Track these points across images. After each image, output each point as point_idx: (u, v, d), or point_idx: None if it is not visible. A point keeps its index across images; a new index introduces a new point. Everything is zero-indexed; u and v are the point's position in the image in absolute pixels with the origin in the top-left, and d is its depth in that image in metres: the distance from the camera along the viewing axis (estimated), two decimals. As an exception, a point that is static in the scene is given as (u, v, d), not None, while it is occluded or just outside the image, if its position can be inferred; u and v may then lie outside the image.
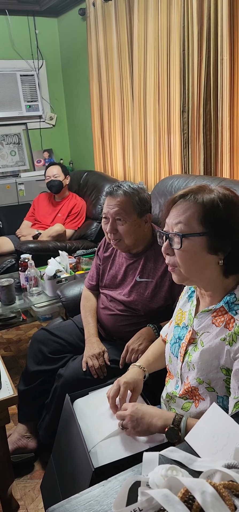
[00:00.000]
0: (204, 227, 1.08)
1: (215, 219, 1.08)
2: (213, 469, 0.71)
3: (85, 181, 3.82)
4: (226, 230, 1.08)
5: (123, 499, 0.69)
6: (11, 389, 1.51)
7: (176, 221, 1.11)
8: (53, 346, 1.91)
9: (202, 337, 1.14)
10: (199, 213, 1.09)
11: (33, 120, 4.62)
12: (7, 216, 3.96)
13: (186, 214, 1.10)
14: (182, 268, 1.12)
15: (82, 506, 0.71)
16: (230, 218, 1.08)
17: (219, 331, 1.09)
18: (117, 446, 1.19)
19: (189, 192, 1.13)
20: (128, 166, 3.61)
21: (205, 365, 1.11)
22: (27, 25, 4.35)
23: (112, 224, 1.77)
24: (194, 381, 1.14)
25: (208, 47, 2.39)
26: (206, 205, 1.09)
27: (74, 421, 1.31)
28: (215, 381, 1.09)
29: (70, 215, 3.57)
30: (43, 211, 3.68)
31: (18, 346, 3.00)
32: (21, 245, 3.13)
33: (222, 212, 1.08)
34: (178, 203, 1.14)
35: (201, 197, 1.10)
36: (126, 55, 3.31)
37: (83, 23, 3.96)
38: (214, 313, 1.13)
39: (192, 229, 1.09)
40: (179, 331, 1.26)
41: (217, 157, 2.51)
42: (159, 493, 0.64)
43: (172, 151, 2.95)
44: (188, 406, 1.18)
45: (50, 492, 1.44)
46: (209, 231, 1.08)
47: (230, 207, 1.09)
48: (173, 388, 1.27)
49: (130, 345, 1.72)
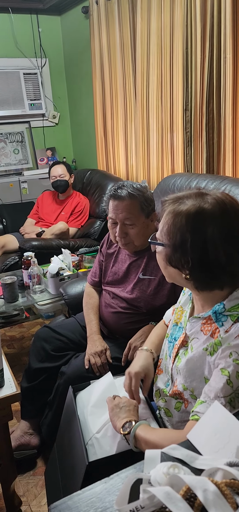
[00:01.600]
0: (167, 238, 1.08)
1: (172, 233, 1.06)
2: (215, 467, 0.71)
3: (88, 179, 3.83)
4: (177, 246, 1.05)
5: (125, 496, 0.69)
6: (14, 386, 1.52)
7: (160, 225, 1.14)
8: (55, 343, 1.91)
9: (193, 342, 1.14)
10: (167, 223, 1.08)
11: (36, 119, 4.63)
12: (10, 214, 3.97)
13: (163, 222, 1.11)
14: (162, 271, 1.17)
15: (84, 503, 0.71)
16: (184, 234, 1.03)
17: (205, 340, 1.08)
18: (113, 439, 1.19)
19: (174, 199, 1.11)
20: (130, 164, 3.61)
21: (189, 373, 1.11)
22: (30, 23, 4.35)
23: (121, 228, 1.76)
24: (180, 385, 1.15)
25: (211, 45, 2.38)
26: (173, 216, 1.07)
27: (75, 413, 1.32)
28: (197, 390, 1.09)
29: (73, 213, 3.58)
30: (47, 209, 3.69)
31: (21, 344, 3.01)
32: (25, 242, 3.14)
33: (179, 227, 1.04)
34: (164, 206, 1.14)
35: (177, 206, 1.07)
36: (129, 53, 3.31)
37: (86, 21, 3.95)
38: (204, 320, 1.12)
39: (162, 237, 1.11)
40: (176, 331, 1.26)
41: (220, 155, 2.51)
42: (160, 490, 0.65)
43: (175, 149, 2.95)
44: (179, 406, 1.19)
45: (52, 482, 1.47)
46: (167, 244, 1.08)
47: (190, 222, 1.03)
48: (163, 385, 1.27)
49: (132, 343, 1.73)
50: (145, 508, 0.65)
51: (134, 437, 1.09)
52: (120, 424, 1.14)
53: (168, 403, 1.23)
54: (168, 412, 1.23)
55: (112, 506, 0.69)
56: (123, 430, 1.12)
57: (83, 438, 1.22)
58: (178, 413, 1.19)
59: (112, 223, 1.80)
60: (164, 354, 1.31)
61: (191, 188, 2.17)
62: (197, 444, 0.83)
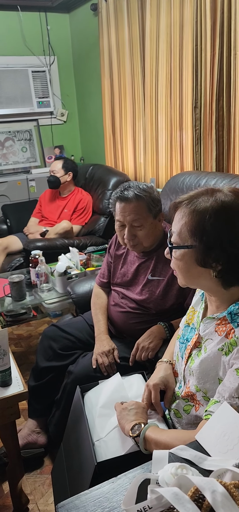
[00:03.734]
0: (193, 239, 1.04)
1: (202, 232, 1.02)
2: (224, 468, 0.71)
3: (91, 175, 3.80)
4: (213, 245, 1.01)
5: (132, 496, 0.69)
6: (21, 385, 1.52)
7: (173, 229, 1.11)
8: (63, 342, 1.91)
9: (206, 343, 1.12)
10: (190, 224, 1.05)
11: (44, 117, 4.64)
12: (14, 213, 3.95)
13: (180, 224, 1.07)
14: (178, 275, 1.13)
15: (91, 502, 0.71)
16: (221, 231, 1.01)
17: (220, 341, 1.07)
18: (121, 441, 1.19)
19: (189, 198, 1.08)
20: (139, 162, 3.60)
21: (203, 374, 1.09)
22: (39, 21, 4.36)
23: (130, 230, 1.75)
24: (193, 387, 1.13)
25: (221, 42, 2.36)
26: (197, 215, 1.04)
27: (83, 413, 1.32)
28: (211, 391, 1.08)
29: (76, 210, 3.56)
30: (49, 207, 3.68)
31: (28, 342, 3.02)
32: (29, 243, 3.14)
33: (211, 225, 1.01)
34: (179, 208, 1.10)
35: (197, 205, 1.05)
36: (138, 50, 3.29)
37: (95, 18, 3.94)
38: (218, 321, 1.11)
39: (183, 240, 1.07)
40: (188, 332, 1.25)
41: (230, 153, 2.49)
42: (168, 491, 0.64)
43: (184, 147, 2.93)
44: (189, 409, 1.17)
45: (59, 481, 1.47)
46: (197, 245, 1.04)
47: (223, 217, 1.01)
48: (176, 387, 1.26)
49: (140, 343, 1.72)
50: (152, 509, 0.64)
51: (144, 439, 1.09)
52: (129, 426, 1.14)
53: (177, 405, 1.22)
54: (177, 413, 1.22)
55: (120, 506, 0.69)
56: (132, 432, 1.12)
57: (91, 438, 1.22)
58: (187, 415, 1.18)
59: (120, 225, 1.79)
60: (176, 355, 1.30)
61: (200, 186, 2.15)
62: (206, 445, 0.82)
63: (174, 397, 1.26)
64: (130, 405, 1.21)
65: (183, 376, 1.22)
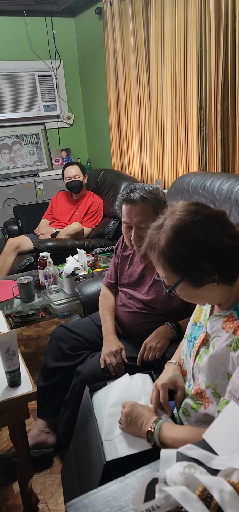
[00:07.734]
0: (178, 273, 1.06)
1: (178, 261, 1.04)
2: (232, 468, 0.71)
3: (102, 179, 3.84)
4: (194, 263, 1.03)
5: (141, 495, 0.69)
6: (30, 385, 1.54)
7: (160, 276, 1.12)
8: (71, 343, 1.93)
9: (214, 340, 1.13)
10: (166, 264, 1.06)
11: (51, 120, 4.66)
12: (25, 215, 4.00)
13: (160, 269, 1.10)
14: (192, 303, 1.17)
15: (100, 501, 0.71)
16: (188, 247, 1.02)
17: (228, 337, 1.07)
18: (130, 440, 1.20)
19: (147, 244, 1.12)
20: (145, 164, 3.61)
21: (212, 370, 1.10)
22: (44, 26, 4.38)
23: (136, 232, 1.76)
24: (203, 384, 1.14)
25: (226, 43, 2.36)
26: (163, 253, 1.05)
27: (92, 413, 1.33)
28: (220, 387, 1.08)
29: (88, 213, 3.59)
30: (61, 209, 3.71)
31: (37, 343, 3.04)
32: (40, 243, 3.16)
33: (178, 251, 1.03)
34: (148, 258, 1.14)
35: (156, 244, 1.06)
36: (143, 53, 3.30)
37: (100, 22, 3.96)
38: (225, 318, 1.11)
39: (172, 279, 1.08)
40: (195, 330, 1.26)
41: (235, 154, 2.49)
42: (176, 490, 0.65)
43: (189, 148, 2.93)
44: (197, 407, 1.18)
45: (69, 481, 1.48)
46: (183, 274, 1.05)
47: (182, 236, 1.03)
48: (186, 386, 1.27)
49: (148, 343, 1.73)
50: (160, 508, 0.64)
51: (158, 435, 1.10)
52: (148, 422, 1.16)
53: (186, 403, 1.23)
54: (186, 411, 1.23)
55: (128, 505, 0.69)
56: (151, 427, 1.14)
57: (100, 438, 1.23)
58: (195, 413, 1.18)
59: (127, 227, 1.80)
60: (184, 354, 1.30)
61: (204, 188, 2.15)
62: (213, 444, 0.83)
63: (183, 396, 1.27)
64: (135, 410, 1.23)
65: (192, 374, 1.23)
